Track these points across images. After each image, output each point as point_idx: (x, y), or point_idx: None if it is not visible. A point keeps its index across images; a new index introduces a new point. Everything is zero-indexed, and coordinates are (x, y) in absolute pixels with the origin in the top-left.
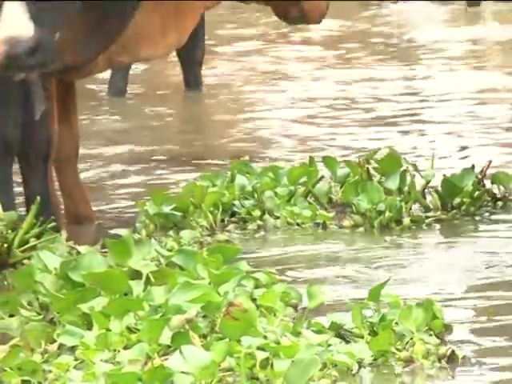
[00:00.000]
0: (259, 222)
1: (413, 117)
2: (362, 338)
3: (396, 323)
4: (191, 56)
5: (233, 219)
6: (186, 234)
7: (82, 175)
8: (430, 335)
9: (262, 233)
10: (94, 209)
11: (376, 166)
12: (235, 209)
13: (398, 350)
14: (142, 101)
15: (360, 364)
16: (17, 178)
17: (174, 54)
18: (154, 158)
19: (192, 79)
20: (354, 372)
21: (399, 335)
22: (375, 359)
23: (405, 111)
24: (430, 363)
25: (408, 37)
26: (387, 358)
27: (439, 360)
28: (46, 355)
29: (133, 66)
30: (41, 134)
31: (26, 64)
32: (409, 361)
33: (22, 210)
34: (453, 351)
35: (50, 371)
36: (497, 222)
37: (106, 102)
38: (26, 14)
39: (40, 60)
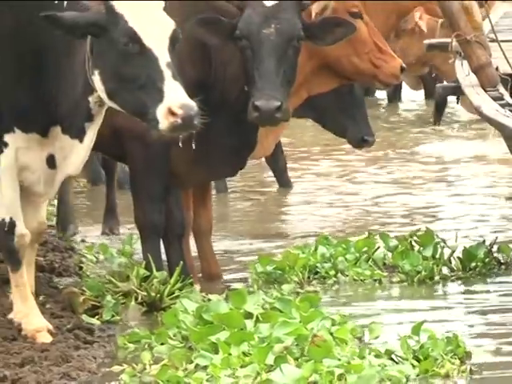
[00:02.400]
0: (334, 279)
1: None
2: (407, 360)
3: (432, 350)
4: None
5: (316, 276)
6: (284, 287)
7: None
8: (455, 359)
9: (336, 286)
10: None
11: (417, 239)
12: (317, 269)
13: (433, 370)
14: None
15: (407, 378)
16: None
17: None
18: (257, 233)
19: (282, 180)
20: None
21: (434, 359)
22: (417, 375)
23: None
24: (455, 378)
25: None
26: (427, 374)
27: (461, 374)
28: (187, 372)
29: None
30: (177, 220)
31: (193, 125)
32: (441, 376)
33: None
34: (471, 369)
35: (189, 383)
36: (501, 280)
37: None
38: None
39: (197, 125)
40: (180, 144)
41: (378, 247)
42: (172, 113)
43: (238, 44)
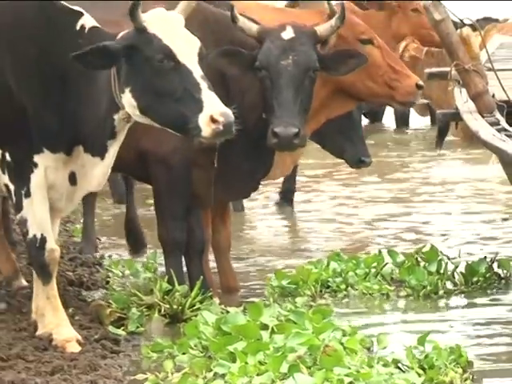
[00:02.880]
0: (345, 293)
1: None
2: (413, 369)
3: (436, 359)
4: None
5: (327, 290)
6: (298, 300)
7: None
8: (458, 367)
9: (347, 299)
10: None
11: (422, 256)
12: (329, 283)
13: (438, 378)
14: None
15: None
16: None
17: None
18: (271, 249)
19: (286, 199)
20: None
21: (438, 368)
22: (423, 383)
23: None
24: None
25: None
26: (432, 382)
27: (464, 382)
28: (206, 380)
29: None
30: (197, 237)
31: (232, 131)
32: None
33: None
34: (473, 377)
35: None
36: (501, 294)
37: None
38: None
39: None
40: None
41: (386, 263)
42: (214, 120)
43: (257, 74)
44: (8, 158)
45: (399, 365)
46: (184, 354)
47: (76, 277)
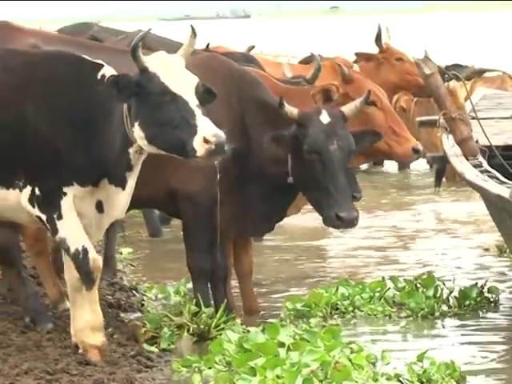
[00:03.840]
0: (352, 314)
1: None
2: (413, 382)
3: (433, 374)
4: None
5: (337, 312)
6: (311, 321)
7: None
8: (452, 381)
9: (354, 320)
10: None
11: (420, 282)
12: (338, 306)
13: None
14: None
15: None
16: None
17: None
18: (287, 276)
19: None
20: None
21: (435, 381)
22: None
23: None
24: None
25: None
26: None
27: None
28: None
29: None
30: (221, 266)
31: (224, 150)
32: None
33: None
34: None
35: None
36: (490, 316)
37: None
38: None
39: (227, 150)
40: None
41: (389, 288)
42: (206, 141)
43: (306, 157)
44: (37, 192)
45: (401, 379)
46: (210, 368)
47: (115, 300)
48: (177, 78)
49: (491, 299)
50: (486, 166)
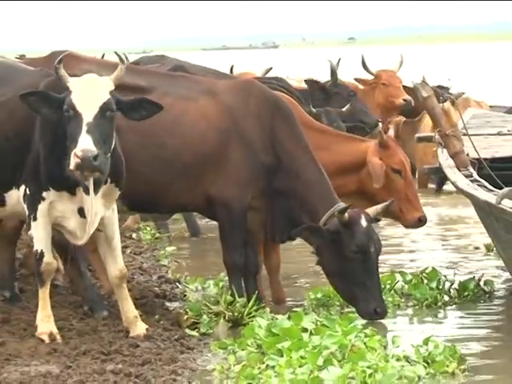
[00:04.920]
0: None
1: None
2: (419, 363)
3: (436, 355)
4: None
5: None
6: (331, 309)
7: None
8: (453, 361)
9: None
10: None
11: (425, 275)
12: None
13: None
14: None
15: (419, 377)
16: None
17: None
18: (294, 275)
19: None
20: (416, 380)
21: (438, 362)
22: (427, 374)
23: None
24: (457, 374)
25: None
26: (435, 373)
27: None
28: (260, 370)
29: None
30: (252, 262)
31: (93, 165)
32: (447, 374)
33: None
34: (465, 368)
35: (262, 378)
36: (486, 305)
37: None
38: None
39: (98, 165)
40: None
41: (398, 281)
42: (76, 155)
43: (349, 254)
44: (27, 191)
45: (409, 360)
46: (243, 350)
47: (161, 291)
48: (87, 97)
49: (487, 290)
50: (475, 176)
